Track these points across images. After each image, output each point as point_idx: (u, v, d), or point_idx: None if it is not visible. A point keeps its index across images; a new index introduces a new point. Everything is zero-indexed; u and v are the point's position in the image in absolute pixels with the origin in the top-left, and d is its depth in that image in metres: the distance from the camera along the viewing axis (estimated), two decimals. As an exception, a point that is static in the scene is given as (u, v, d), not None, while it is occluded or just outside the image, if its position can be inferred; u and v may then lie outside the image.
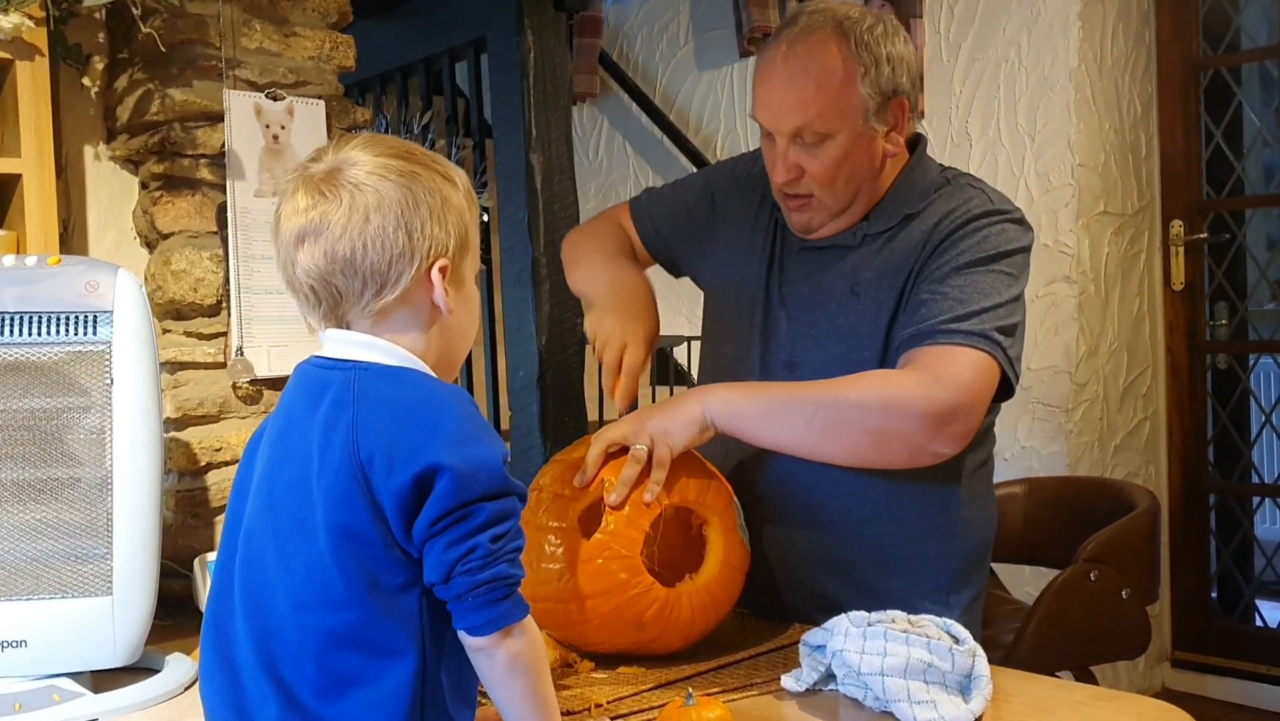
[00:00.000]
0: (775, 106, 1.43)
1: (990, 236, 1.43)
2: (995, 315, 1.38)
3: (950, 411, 1.34)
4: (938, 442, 1.36)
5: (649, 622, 1.28)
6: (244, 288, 1.74)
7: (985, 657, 1.17)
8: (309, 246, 0.93)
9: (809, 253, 1.53)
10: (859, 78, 1.40)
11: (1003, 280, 1.41)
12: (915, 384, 1.35)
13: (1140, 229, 3.21)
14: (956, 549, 1.51)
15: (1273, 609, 3.23)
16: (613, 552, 1.27)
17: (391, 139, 0.99)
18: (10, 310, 1.28)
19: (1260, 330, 3.32)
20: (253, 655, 0.92)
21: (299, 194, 0.94)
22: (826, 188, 1.45)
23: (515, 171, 2.98)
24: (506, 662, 0.91)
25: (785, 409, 1.37)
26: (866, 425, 1.36)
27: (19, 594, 1.26)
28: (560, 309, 2.98)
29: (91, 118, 1.79)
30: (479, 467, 0.89)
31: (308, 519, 0.91)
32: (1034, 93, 3.10)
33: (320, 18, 1.89)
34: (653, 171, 4.21)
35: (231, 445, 1.74)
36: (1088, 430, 3.09)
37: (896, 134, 1.47)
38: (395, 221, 0.92)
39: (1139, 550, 1.86)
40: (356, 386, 0.92)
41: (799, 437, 1.38)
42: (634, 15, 4.23)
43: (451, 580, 0.88)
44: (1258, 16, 3.28)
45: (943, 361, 1.36)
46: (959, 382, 1.35)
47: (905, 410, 1.34)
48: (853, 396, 1.36)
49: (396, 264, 0.93)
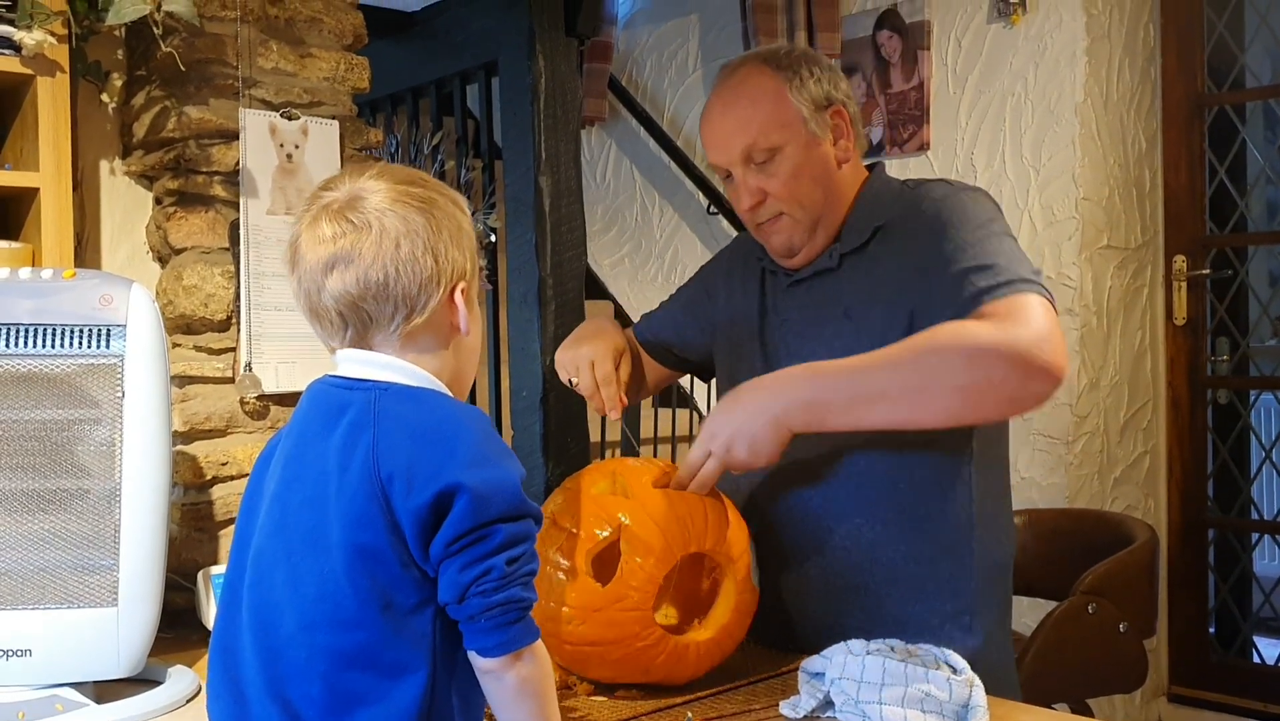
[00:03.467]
0: (720, 138, 1.50)
1: (969, 206, 1.45)
2: (1025, 265, 1.38)
3: (1035, 346, 1.29)
4: (1034, 382, 1.29)
5: (655, 669, 1.28)
6: (254, 304, 1.76)
7: (983, 687, 1.17)
8: (339, 273, 0.94)
9: (796, 286, 1.55)
10: (789, 90, 1.48)
11: (1008, 241, 1.42)
12: (993, 328, 1.31)
13: (1143, 263, 3.23)
14: (971, 568, 1.46)
15: (1270, 645, 3.22)
16: (629, 604, 1.24)
17: (398, 167, 1.02)
18: (25, 322, 1.29)
19: (1261, 366, 3.33)
20: (259, 675, 0.93)
21: (322, 223, 0.96)
22: (792, 201, 1.49)
23: (524, 193, 3.00)
24: (516, 686, 0.91)
25: (865, 386, 1.32)
26: (956, 381, 1.29)
27: (25, 603, 1.27)
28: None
29: (108, 133, 1.81)
30: (496, 489, 0.90)
31: (322, 538, 0.92)
32: (1039, 126, 3.13)
33: (336, 39, 1.91)
34: (659, 196, 4.23)
35: (238, 460, 1.75)
36: (1088, 462, 3.10)
37: (845, 142, 1.52)
38: (423, 247, 0.95)
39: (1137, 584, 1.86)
40: (377, 407, 0.93)
41: (888, 413, 1.33)
42: (644, 41, 4.27)
43: (466, 600, 0.89)
44: (1262, 55, 3.31)
45: (1006, 308, 1.33)
46: (1032, 317, 1.31)
47: (992, 356, 1.29)
48: (933, 355, 1.31)
49: (426, 288, 0.95)
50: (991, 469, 1.51)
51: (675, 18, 4.16)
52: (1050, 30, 3.11)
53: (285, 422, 1.79)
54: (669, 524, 1.28)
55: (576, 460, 2.98)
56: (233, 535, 1.02)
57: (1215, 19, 3.19)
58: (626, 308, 4.31)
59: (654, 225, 4.26)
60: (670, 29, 4.17)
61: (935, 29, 3.34)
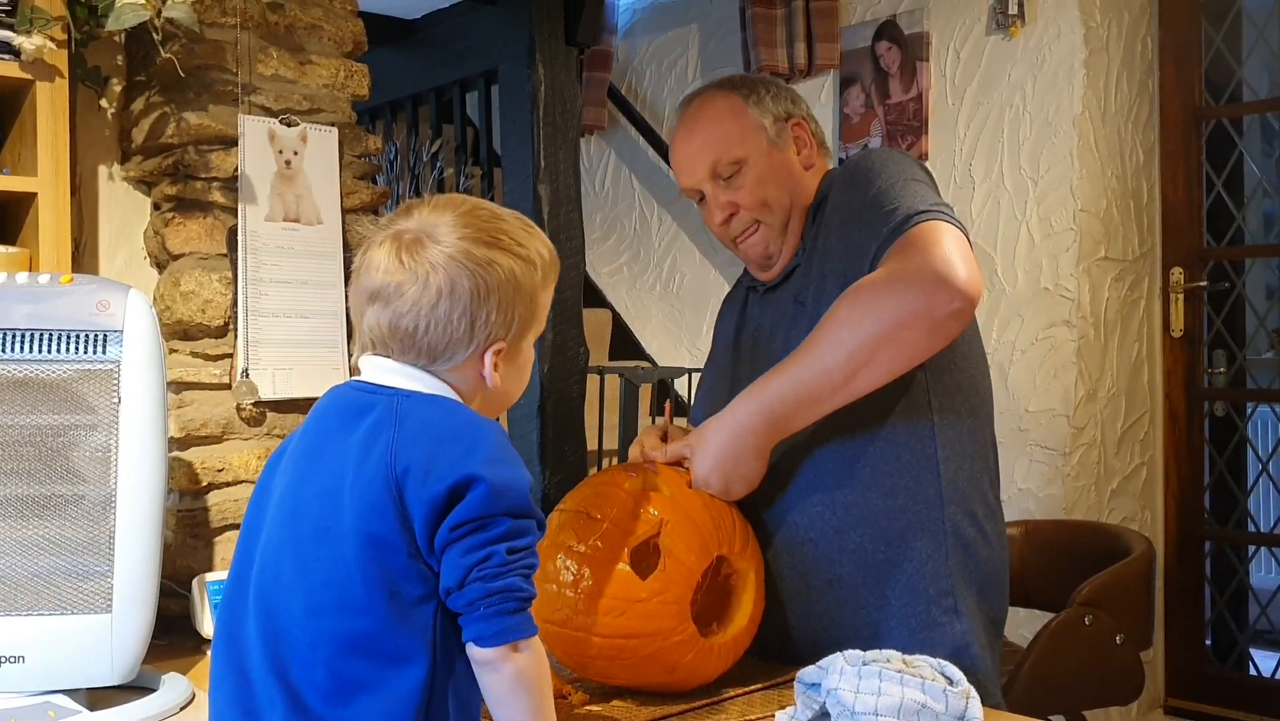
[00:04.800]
0: (686, 160, 1.57)
1: (877, 162, 1.50)
2: (926, 200, 1.41)
3: (931, 267, 1.32)
4: (941, 300, 1.31)
5: (680, 668, 1.28)
6: (251, 310, 1.76)
7: (979, 699, 1.17)
8: (378, 308, 0.99)
9: (770, 293, 1.61)
10: (747, 107, 1.55)
11: (915, 185, 1.45)
12: (885, 271, 1.35)
13: (1140, 275, 3.24)
14: (947, 548, 1.43)
15: (1266, 657, 3.22)
16: (670, 596, 1.25)
17: (485, 212, 1.02)
18: (22, 327, 1.29)
19: (1258, 379, 3.33)
20: (263, 658, 0.94)
21: (385, 251, 0.99)
22: (761, 208, 1.54)
23: (523, 201, 3.01)
24: (512, 677, 0.92)
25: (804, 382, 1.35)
26: (871, 337, 1.32)
27: (19, 609, 1.27)
28: (563, 337, 3.00)
29: (107, 138, 1.82)
30: (509, 485, 0.94)
31: (333, 526, 0.94)
32: (1037, 138, 3.14)
33: (336, 47, 1.92)
34: (658, 205, 4.24)
35: (233, 466, 1.75)
36: (1085, 474, 3.10)
37: (808, 151, 1.58)
38: (461, 310, 0.98)
39: (1134, 595, 1.86)
40: (400, 409, 0.97)
41: (839, 396, 1.35)
42: (644, 51, 4.28)
43: (466, 585, 0.91)
44: (1259, 69, 3.32)
45: (900, 246, 1.36)
46: (925, 244, 1.34)
47: (888, 298, 1.32)
48: (841, 326, 1.33)
49: (452, 346, 0.99)
50: (960, 444, 1.46)
51: (675, 27, 4.16)
52: (1049, 42, 3.11)
53: (282, 429, 1.80)
54: (705, 522, 1.32)
55: (574, 468, 2.98)
56: (230, 541, 1.04)
57: (1213, 33, 3.20)
58: (624, 316, 4.31)
59: (652, 234, 4.26)
60: (670, 39, 4.18)
61: (934, 40, 3.35)
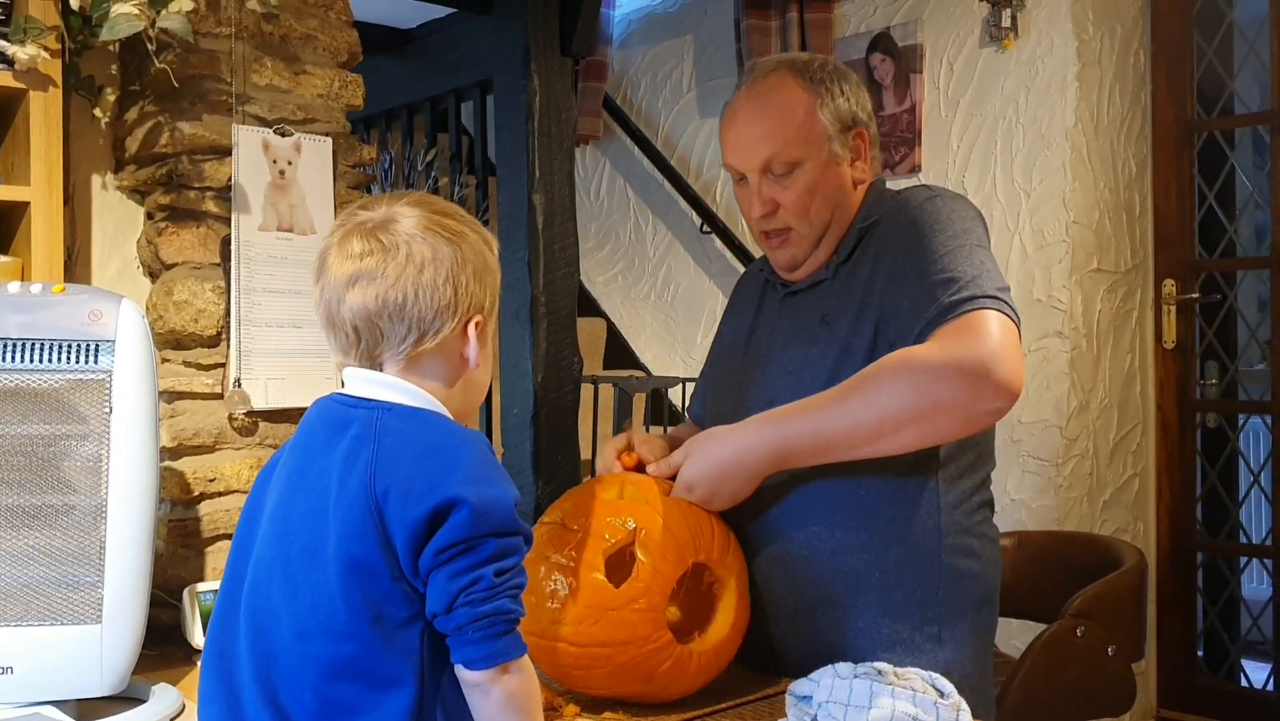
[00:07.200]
0: (744, 143, 1.50)
1: (945, 214, 1.45)
2: (992, 280, 1.39)
3: (983, 362, 1.31)
4: (985, 399, 1.31)
5: (658, 677, 1.27)
6: (244, 320, 1.76)
7: (969, 712, 1.17)
8: (361, 289, 0.98)
9: (791, 298, 1.57)
10: (818, 107, 1.49)
11: (979, 253, 1.42)
12: (938, 349, 1.33)
13: (1133, 287, 3.25)
14: (939, 581, 1.44)
15: (1258, 669, 3.22)
16: (643, 604, 1.25)
17: (436, 199, 1.05)
18: (13, 336, 1.29)
19: (1250, 390, 3.35)
20: (253, 680, 0.94)
21: (353, 240, 0.99)
22: (801, 217, 1.50)
23: (517, 211, 3.01)
24: (502, 700, 0.92)
25: (824, 430, 1.36)
26: (907, 411, 1.32)
27: (8, 619, 1.26)
28: (557, 347, 3.00)
29: (100, 147, 1.81)
30: (493, 505, 0.93)
31: (320, 550, 0.93)
32: (1030, 150, 3.15)
33: (331, 57, 1.92)
34: (653, 214, 4.24)
35: (225, 476, 1.74)
36: (1077, 485, 3.10)
37: (862, 164, 1.54)
38: (445, 275, 0.99)
39: (1126, 607, 1.86)
40: (379, 424, 0.96)
41: (852, 452, 1.36)
42: (639, 61, 4.29)
43: (454, 610, 0.91)
44: (1251, 82, 3.33)
45: (961, 325, 1.34)
46: (985, 334, 1.33)
47: (937, 379, 1.31)
48: (880, 389, 1.33)
49: (441, 314, 0.99)
50: (962, 479, 1.48)
51: (670, 38, 4.18)
52: (1042, 55, 3.13)
53: (274, 439, 1.80)
54: (681, 530, 1.31)
55: (567, 477, 2.98)
56: (221, 551, 1.04)
57: (1205, 46, 3.22)
58: (619, 325, 4.31)
59: (647, 243, 4.27)
60: (665, 49, 4.19)
61: (928, 52, 3.37)
